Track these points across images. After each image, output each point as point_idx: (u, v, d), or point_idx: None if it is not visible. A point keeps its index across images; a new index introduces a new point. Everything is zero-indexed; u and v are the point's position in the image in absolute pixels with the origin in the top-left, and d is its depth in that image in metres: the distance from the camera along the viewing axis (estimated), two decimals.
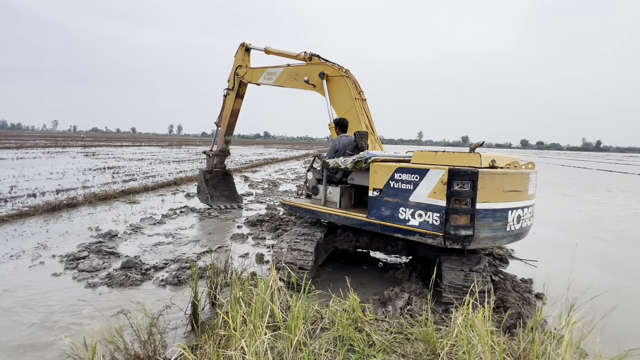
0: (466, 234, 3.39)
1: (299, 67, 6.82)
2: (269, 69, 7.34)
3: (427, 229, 3.54)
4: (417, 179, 3.61)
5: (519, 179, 3.68)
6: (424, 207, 3.55)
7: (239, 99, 8.18)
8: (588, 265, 5.42)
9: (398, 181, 3.75)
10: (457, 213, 3.36)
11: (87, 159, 20.58)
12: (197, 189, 9.00)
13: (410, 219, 3.66)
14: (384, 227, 3.89)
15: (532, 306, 3.86)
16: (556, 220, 8.56)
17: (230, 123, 8.42)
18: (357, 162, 4.19)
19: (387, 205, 3.83)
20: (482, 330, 2.34)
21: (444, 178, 3.40)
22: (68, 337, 2.65)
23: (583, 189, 15.15)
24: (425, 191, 3.53)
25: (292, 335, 2.41)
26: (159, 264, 4.83)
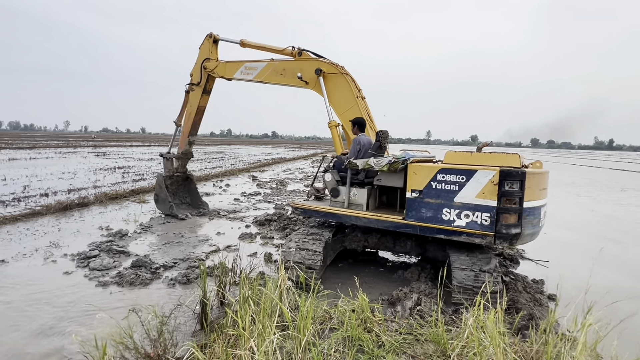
0: (515, 232, 3.51)
1: (287, 63, 6.33)
2: (248, 63, 6.73)
3: (475, 229, 3.62)
4: (463, 179, 3.65)
5: (546, 178, 3.90)
6: (472, 207, 3.62)
7: (205, 95, 7.43)
8: (603, 267, 5.31)
9: (441, 182, 3.76)
10: (508, 212, 3.48)
11: (97, 159, 20.84)
12: (155, 197, 7.86)
13: (455, 219, 3.70)
14: (424, 228, 3.90)
15: (543, 307, 3.80)
16: (569, 221, 8.43)
17: (195, 122, 7.64)
18: (393, 163, 4.08)
19: (429, 206, 3.84)
20: (493, 331, 2.30)
21: (495, 179, 3.50)
22: (79, 337, 2.68)
23: (596, 189, 14.89)
24: (473, 192, 3.60)
25: (301, 336, 2.40)
26: (169, 263, 4.87)
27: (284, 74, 6.34)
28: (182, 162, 8.05)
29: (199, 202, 8.38)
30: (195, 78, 7.34)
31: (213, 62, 7.07)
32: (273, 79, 6.48)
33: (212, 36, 7.12)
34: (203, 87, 7.27)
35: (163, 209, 7.72)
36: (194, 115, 7.50)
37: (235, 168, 17.97)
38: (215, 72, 7.08)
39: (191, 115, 7.52)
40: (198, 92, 7.34)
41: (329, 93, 5.86)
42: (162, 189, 7.63)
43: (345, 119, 5.72)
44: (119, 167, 16.73)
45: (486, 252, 4.05)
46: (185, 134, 7.72)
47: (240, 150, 41.64)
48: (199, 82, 7.24)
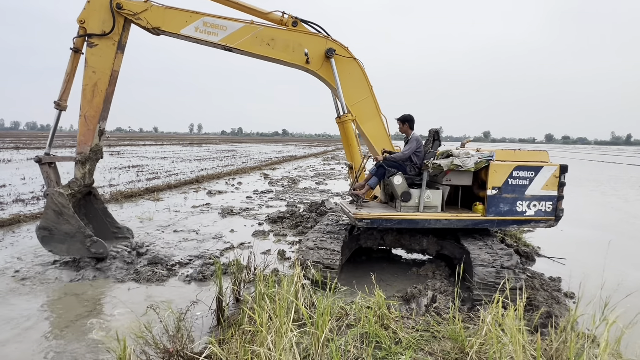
0: (561, 215, 4.36)
1: (278, 31, 5.01)
2: (209, 17, 4.83)
3: (541, 215, 4.32)
4: (532, 174, 4.24)
5: None
6: (538, 198, 4.28)
7: (120, 52, 4.78)
8: (622, 264, 5.20)
9: (516, 178, 4.24)
10: (562, 199, 4.32)
11: (112, 158, 21.19)
12: (45, 234, 4.49)
13: (527, 210, 4.29)
14: (500, 222, 4.34)
15: (561, 305, 3.74)
16: (586, 218, 8.26)
17: (107, 97, 4.79)
18: (479, 163, 4.24)
19: (506, 201, 4.27)
20: (513, 328, 2.27)
21: (557, 172, 4.25)
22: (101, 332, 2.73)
23: (614, 185, 14.56)
24: (540, 184, 4.25)
25: (318, 332, 2.41)
26: (184, 260, 4.93)
27: (272, 45, 4.95)
28: (91, 168, 4.93)
29: (114, 228, 5.29)
30: (95, 25, 4.59)
31: (139, 2, 4.68)
32: (253, 47, 4.93)
33: None
34: (117, 40, 4.67)
35: (69, 249, 4.54)
36: (104, 86, 4.72)
37: (246, 166, 18.09)
38: (144, 18, 4.68)
39: (98, 86, 4.69)
40: (108, 49, 4.66)
41: (340, 80, 5.06)
42: (68, 217, 4.46)
43: (357, 112, 5.21)
44: (133, 165, 16.99)
45: (507, 248, 4.05)
46: (91, 119, 4.75)
47: (251, 148, 41.89)
48: (106, 31, 4.59)
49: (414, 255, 5.43)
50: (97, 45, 4.63)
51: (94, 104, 4.74)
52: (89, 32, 4.59)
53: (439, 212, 4.37)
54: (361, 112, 5.25)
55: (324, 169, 18.97)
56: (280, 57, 5.01)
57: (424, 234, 4.74)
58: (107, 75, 4.70)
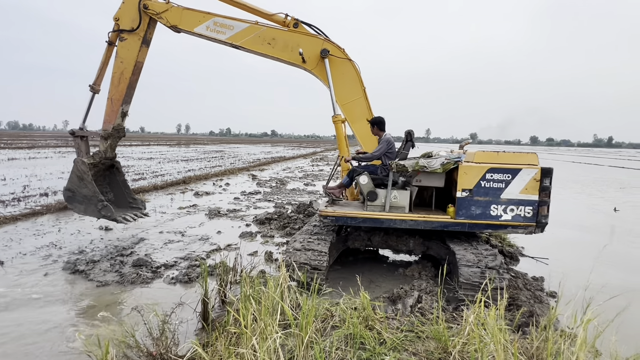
0: (547, 221, 4.08)
1: (279, 32, 5.34)
2: (219, 17, 5.33)
3: (519, 221, 4.07)
4: (509, 177, 4.03)
5: None
6: (516, 202, 4.04)
7: (145, 47, 5.49)
8: (602, 264, 5.33)
9: (489, 180, 4.06)
10: (545, 204, 4.03)
11: None
12: (69, 195, 5.48)
13: (502, 214, 4.08)
14: (472, 225, 4.15)
15: (544, 304, 3.81)
16: (570, 218, 8.44)
17: (131, 84, 5.54)
18: (446, 164, 4.15)
19: (478, 204, 4.09)
20: (494, 328, 2.31)
21: (537, 176, 3.97)
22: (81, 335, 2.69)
23: (596, 186, 14.92)
24: (517, 188, 4.02)
25: (303, 334, 2.41)
26: (170, 262, 4.88)
27: (272, 44, 5.30)
28: (112, 143, 5.82)
29: (130, 198, 6.05)
30: (126, 22, 5.33)
31: (160, 3, 5.32)
32: (256, 46, 5.32)
33: None
34: (142, 35, 5.37)
35: (86, 210, 5.36)
36: (129, 74, 5.44)
37: (234, 167, 17.97)
38: (165, 17, 5.31)
39: (124, 75, 5.44)
40: (134, 43, 5.37)
41: (333, 80, 5.24)
42: (86, 182, 5.31)
43: (348, 112, 5.35)
44: None
45: (491, 249, 4.10)
46: (116, 102, 5.54)
47: (239, 149, 41.64)
48: (135, 28, 5.31)
49: (400, 256, 5.47)
50: (126, 40, 5.37)
51: (120, 89, 5.50)
52: (121, 28, 5.34)
53: (406, 212, 4.37)
54: (352, 112, 5.40)
55: (313, 170, 18.97)
56: (280, 56, 5.36)
57: (411, 234, 4.78)
58: (132, 65, 5.43)
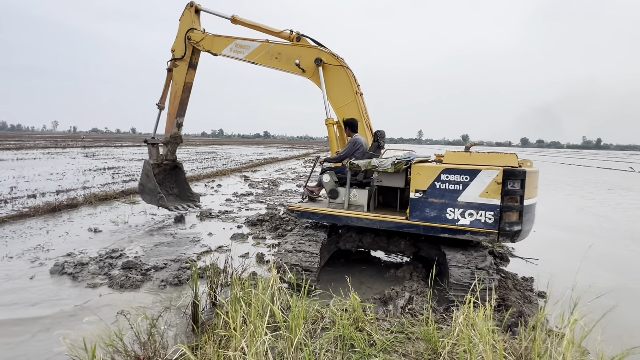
0: (517, 229, 3.64)
1: (283, 46, 5.97)
2: (239, 40, 6.26)
3: (479, 227, 3.71)
4: (467, 179, 3.73)
5: (538, 177, 4.07)
6: (475, 206, 3.71)
7: (191, 70, 6.87)
8: (591, 264, 5.40)
9: (445, 182, 3.82)
10: (511, 210, 3.61)
11: (87, 160, 20.57)
12: (141, 187, 7.22)
13: (459, 218, 3.78)
14: (428, 228, 3.94)
15: (533, 305, 3.85)
16: (558, 219, 8.55)
17: (183, 100, 6.96)
18: (397, 164, 4.12)
19: (433, 206, 3.89)
20: (483, 329, 2.32)
21: (499, 178, 3.61)
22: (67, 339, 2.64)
23: (585, 188, 15.13)
24: (477, 191, 3.69)
25: (292, 335, 2.40)
26: (159, 264, 4.83)
27: (279, 58, 5.98)
28: (171, 148, 7.32)
29: (189, 193, 7.71)
30: (178, 52, 6.74)
31: (199, 33, 6.55)
32: (266, 61, 6.09)
33: (193, 5, 6.60)
34: (188, 60, 6.73)
35: (150, 200, 7.04)
36: (180, 93, 6.88)
37: (227, 168, 17.88)
38: (201, 45, 6.56)
39: (177, 93, 6.90)
40: (183, 67, 6.77)
41: (327, 85, 5.60)
42: (150, 178, 6.93)
43: (342, 115, 5.59)
44: (108, 167, 16.54)
45: (481, 250, 4.11)
46: (172, 115, 7.04)
47: (232, 150, 41.45)
48: (182, 55, 6.67)
49: (392, 257, 5.49)
50: (178, 66, 6.83)
51: (174, 105, 6.99)
52: (175, 57, 6.83)
53: (364, 211, 4.41)
54: (345, 115, 5.60)
55: (306, 171, 18.95)
56: (284, 68, 5.99)
57: (402, 236, 4.80)
58: (182, 85, 6.86)
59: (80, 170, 15.18)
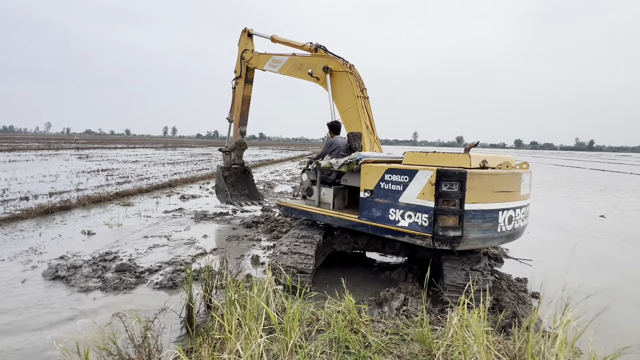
0: (455, 235, 3.35)
1: (304, 58, 6.68)
2: (275, 56, 7.21)
3: (416, 230, 3.52)
4: (406, 179, 3.59)
5: (510, 180, 3.63)
6: (414, 208, 3.53)
7: (248, 84, 8.05)
8: (585, 265, 5.45)
9: (388, 182, 3.73)
10: (445, 214, 3.34)
11: (80, 162, 20.42)
12: (215, 188, 8.66)
13: (400, 220, 3.64)
14: (375, 228, 3.88)
15: (527, 305, 3.88)
16: (552, 220, 8.62)
17: (243, 112, 8.19)
18: (349, 164, 4.23)
19: (378, 206, 3.82)
20: (477, 330, 2.34)
21: (432, 179, 3.39)
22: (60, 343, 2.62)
23: (578, 188, 15.27)
24: (415, 192, 3.52)
25: (287, 338, 2.40)
26: (154, 267, 4.80)
27: (301, 69, 6.66)
28: (238, 153, 8.48)
29: (256, 193, 8.87)
30: (237, 71, 8.00)
31: (249, 53, 7.70)
32: (292, 72, 6.84)
33: (246, 30, 7.81)
34: (244, 77, 7.90)
35: (220, 198, 8.34)
36: (241, 105, 8.09)
37: None
38: (251, 62, 7.67)
39: (239, 106, 8.11)
40: (241, 84, 7.97)
41: (334, 91, 6.06)
42: (220, 180, 8.19)
43: (346, 118, 5.92)
44: (102, 169, 16.42)
45: (475, 251, 4.13)
46: (236, 125, 8.27)
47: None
48: (240, 74, 7.90)
49: (387, 259, 5.50)
50: (238, 83, 8.04)
51: (237, 116, 8.19)
52: (236, 76, 8.04)
53: (329, 209, 4.58)
54: (348, 119, 5.92)
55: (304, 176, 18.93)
56: (305, 78, 6.62)
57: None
58: (241, 98, 8.03)
59: (73, 172, 15.06)
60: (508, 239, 3.78)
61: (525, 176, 3.87)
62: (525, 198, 3.89)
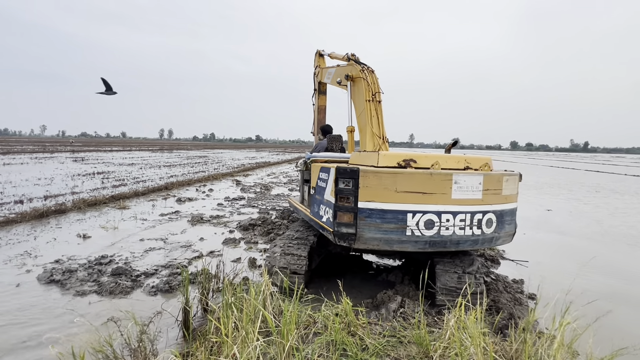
0: (347, 232, 3.37)
1: (340, 68, 7.10)
2: (329, 69, 7.79)
3: (328, 225, 3.59)
4: (326, 177, 3.76)
5: (426, 180, 3.36)
6: (327, 203, 3.70)
7: (322, 95, 8.54)
8: (582, 266, 5.48)
9: (321, 180, 3.92)
10: (341, 210, 3.39)
11: (76, 164, 20.30)
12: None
13: (323, 215, 3.80)
14: (315, 223, 4.02)
15: (524, 307, 3.89)
16: (551, 221, 8.66)
17: (320, 120, 8.69)
18: (306, 163, 4.55)
19: (316, 202, 4.01)
20: (474, 331, 2.34)
21: (334, 176, 3.48)
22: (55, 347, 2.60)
23: (573, 190, 15.36)
24: (329, 189, 3.66)
25: (284, 341, 2.39)
26: (150, 270, 4.77)
27: (338, 79, 7.19)
28: None
29: None
30: (315, 86, 8.60)
31: (318, 68, 8.40)
32: (334, 83, 7.36)
33: (318, 52, 8.49)
34: (318, 89, 8.48)
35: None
36: (317, 114, 8.62)
37: (218, 172, 17.78)
38: (318, 76, 8.27)
39: (316, 116, 8.64)
40: (316, 96, 8.58)
41: (352, 96, 6.34)
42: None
43: (359, 122, 6.07)
44: (98, 172, 16.34)
45: (469, 254, 4.13)
46: (317, 132, 8.67)
47: (223, 154, 41.27)
48: (315, 89, 8.49)
49: (384, 261, 5.50)
50: (315, 95, 8.49)
51: (316, 125, 8.46)
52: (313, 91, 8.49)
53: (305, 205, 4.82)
54: (360, 122, 6.06)
55: (298, 175, 18.95)
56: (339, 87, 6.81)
57: None
58: (316, 107, 8.47)
59: (68, 175, 14.97)
60: (436, 246, 3.47)
61: (465, 178, 3.45)
62: (464, 203, 3.46)
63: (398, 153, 3.56)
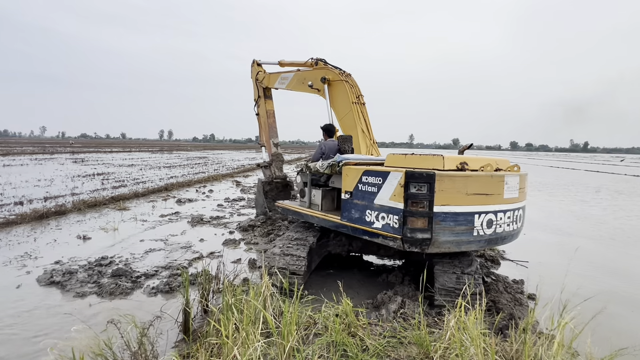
0: (423, 237, 3.32)
1: (307, 72, 7.07)
2: (283, 74, 7.78)
3: (388, 231, 3.50)
4: (380, 181, 3.59)
5: (488, 182, 3.50)
6: (386, 209, 3.51)
7: (269, 99, 8.55)
8: (581, 266, 5.48)
9: (365, 184, 3.75)
10: (413, 215, 3.31)
11: (75, 166, 20.30)
12: (255, 203, 8.83)
13: (374, 221, 3.64)
14: (354, 229, 3.89)
15: (524, 307, 3.89)
16: (548, 221, 8.66)
17: (271, 124, 8.57)
18: (332, 166, 4.34)
19: (357, 207, 3.84)
20: (474, 332, 2.34)
21: (402, 180, 3.36)
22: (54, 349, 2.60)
23: (573, 190, 15.36)
24: (387, 194, 3.51)
25: (285, 342, 2.39)
26: (150, 272, 4.77)
27: (304, 83, 7.02)
28: (277, 165, 8.54)
29: None
30: (255, 95, 8.62)
31: (262, 73, 8.36)
32: (297, 87, 7.28)
33: (255, 62, 8.59)
34: (263, 95, 8.47)
35: (258, 212, 8.33)
36: (267, 120, 8.54)
37: (218, 173, 17.79)
38: (264, 82, 8.27)
39: (266, 122, 8.54)
40: (262, 102, 8.51)
41: (331, 99, 6.34)
42: (260, 194, 8.26)
43: (343, 124, 6.15)
44: (98, 173, 16.34)
45: (468, 254, 4.12)
46: (268, 140, 8.55)
47: (223, 155, 41.28)
48: (259, 96, 8.51)
49: (383, 262, 5.50)
50: (259, 105, 8.55)
51: (266, 131, 8.55)
52: (255, 100, 8.60)
53: (319, 210, 4.66)
54: (346, 125, 6.18)
55: (296, 178, 18.93)
56: (307, 90, 6.98)
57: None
58: (265, 113, 8.47)
59: (68, 176, 14.97)
60: (490, 244, 3.65)
61: (511, 179, 3.70)
62: (511, 202, 3.70)
63: (453, 156, 3.57)
